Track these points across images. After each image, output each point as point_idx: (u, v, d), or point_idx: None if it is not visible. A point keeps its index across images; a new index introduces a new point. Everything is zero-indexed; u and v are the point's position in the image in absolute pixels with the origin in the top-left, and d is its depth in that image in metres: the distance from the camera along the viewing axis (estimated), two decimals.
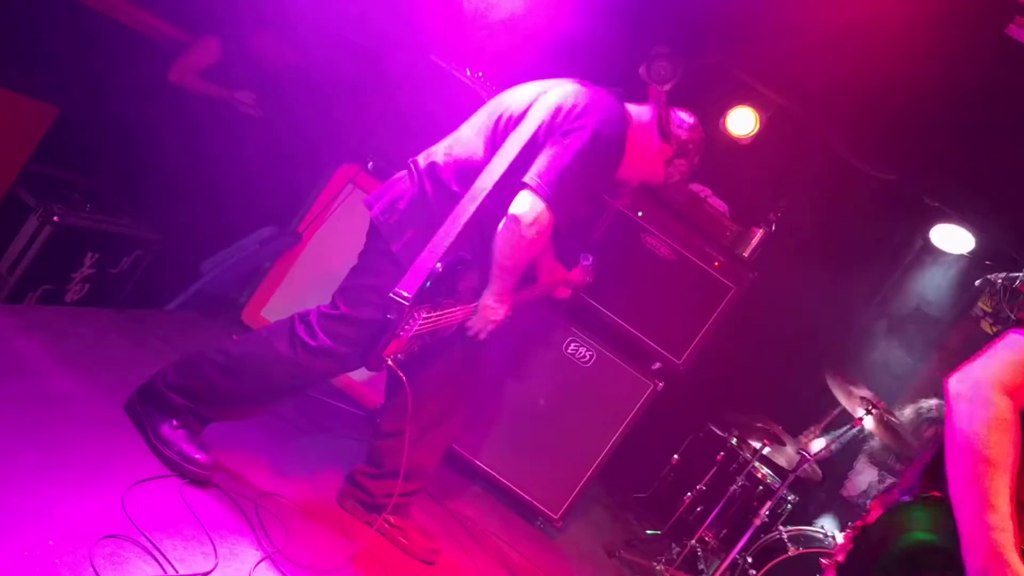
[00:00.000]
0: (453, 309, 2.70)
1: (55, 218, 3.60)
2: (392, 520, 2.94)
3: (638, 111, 2.91)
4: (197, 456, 2.52)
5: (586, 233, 3.94)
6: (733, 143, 4.65)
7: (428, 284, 2.50)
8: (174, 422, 2.57)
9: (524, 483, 3.97)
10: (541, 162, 2.61)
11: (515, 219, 2.60)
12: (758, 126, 4.72)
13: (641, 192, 3.97)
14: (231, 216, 4.10)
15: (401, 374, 2.53)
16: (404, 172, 2.83)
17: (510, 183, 2.62)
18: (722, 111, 4.75)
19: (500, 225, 2.63)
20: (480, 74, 3.81)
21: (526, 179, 2.61)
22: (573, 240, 3.49)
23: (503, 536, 3.68)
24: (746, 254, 4.10)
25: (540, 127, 2.66)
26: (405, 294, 2.44)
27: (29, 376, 2.57)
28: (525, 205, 2.59)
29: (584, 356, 3.98)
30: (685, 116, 2.97)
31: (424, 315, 2.54)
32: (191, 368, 2.63)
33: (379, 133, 3.81)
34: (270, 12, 4.25)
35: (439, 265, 2.52)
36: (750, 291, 4.01)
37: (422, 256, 2.53)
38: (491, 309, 2.77)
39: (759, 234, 4.08)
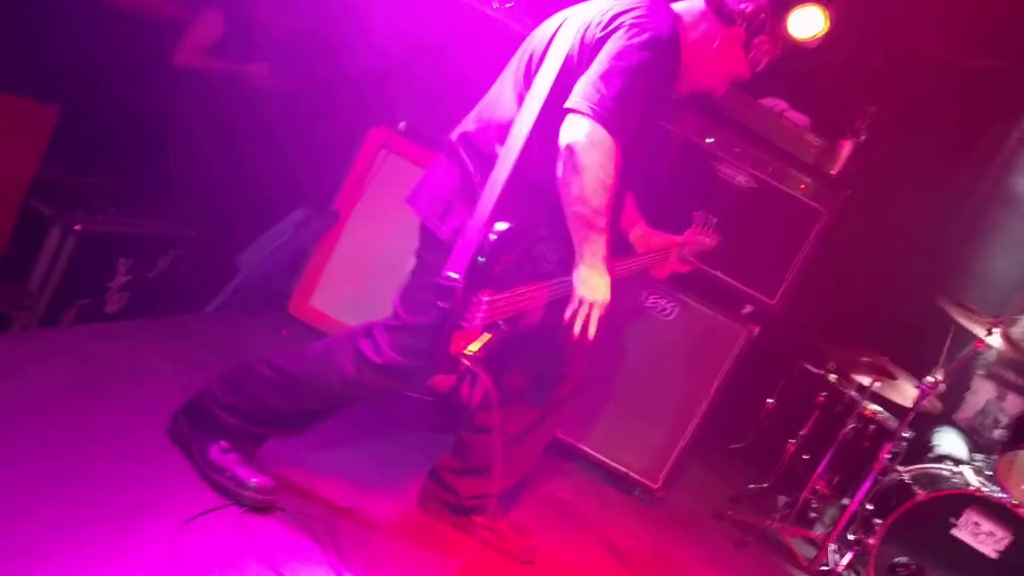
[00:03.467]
0: (528, 287, 2.29)
1: (76, 227, 3.32)
2: (481, 521, 2.62)
3: (686, 5, 2.44)
4: (254, 480, 2.24)
5: (651, 171, 3.50)
6: (801, 47, 4.14)
7: (481, 260, 2.13)
8: (224, 444, 2.30)
9: (617, 454, 3.64)
10: (582, 82, 2.19)
11: (569, 150, 2.15)
12: (827, 25, 4.19)
13: (707, 114, 3.53)
14: (263, 199, 3.81)
15: (481, 373, 2.16)
16: (441, 156, 2.45)
17: (550, 122, 2.21)
18: (782, 13, 4.23)
19: (558, 169, 2.20)
20: (509, 4, 3.39)
21: (568, 103, 2.18)
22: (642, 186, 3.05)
23: (603, 515, 3.36)
24: (835, 172, 3.63)
25: (571, 51, 2.26)
26: (453, 275, 2.08)
27: (57, 411, 2.30)
28: (574, 129, 2.15)
29: (666, 308, 3.59)
30: None
31: (488, 298, 2.17)
32: (241, 385, 2.37)
33: (406, 88, 3.44)
34: None
35: (491, 236, 2.14)
36: (843, 213, 3.56)
37: (466, 230, 2.16)
38: (585, 282, 2.27)
39: (848, 147, 3.60)
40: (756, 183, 3.54)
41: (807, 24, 4.27)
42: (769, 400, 4.98)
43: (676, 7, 2.43)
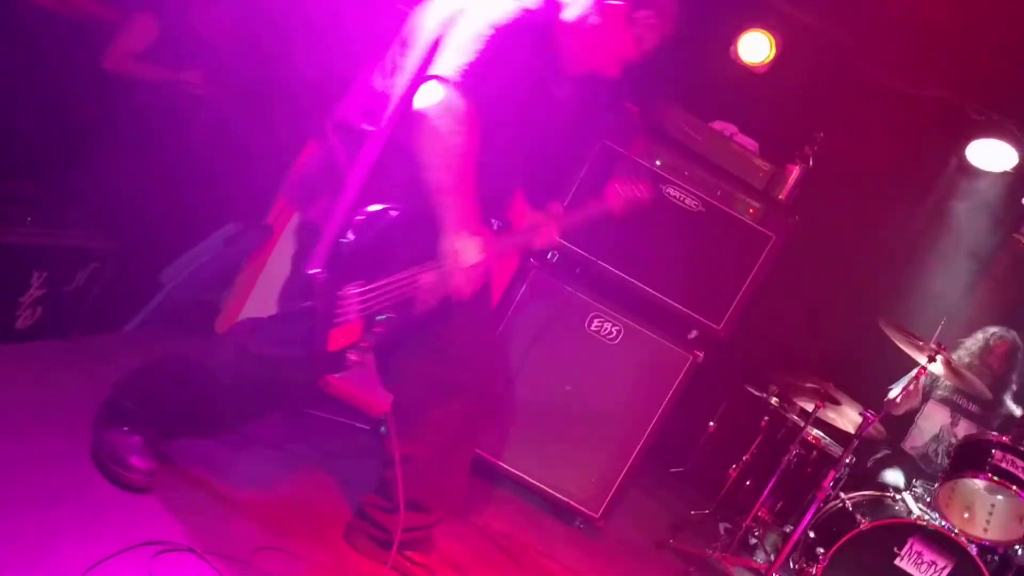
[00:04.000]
0: (407, 272, 2.20)
1: None
2: (414, 557, 2.48)
3: None
4: (133, 460, 2.18)
5: (562, 167, 3.39)
6: (750, 73, 4.13)
7: (343, 251, 2.05)
8: (124, 428, 2.25)
9: (557, 482, 3.52)
10: (443, 49, 2.15)
11: (420, 116, 2.09)
12: (774, 51, 4.19)
13: (655, 135, 3.46)
14: (193, 212, 3.61)
15: (364, 376, 2.19)
16: (313, 141, 2.44)
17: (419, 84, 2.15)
18: (731, 39, 4.22)
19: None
20: None
21: (428, 72, 2.13)
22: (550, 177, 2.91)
23: (542, 548, 3.23)
24: (783, 196, 3.60)
25: (441, 28, 2.19)
26: (315, 271, 2.02)
27: None
28: (428, 95, 2.10)
29: (610, 332, 3.50)
30: None
31: (358, 289, 2.09)
32: (147, 375, 2.37)
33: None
34: None
35: (353, 221, 2.07)
36: (791, 238, 3.52)
37: (331, 214, 2.09)
38: (453, 252, 2.17)
39: (796, 172, 3.57)
40: (704, 207, 3.48)
41: (754, 49, 4.29)
42: (711, 423, 4.94)
43: None
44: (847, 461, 3.94)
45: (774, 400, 4.45)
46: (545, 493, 3.52)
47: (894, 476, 4.30)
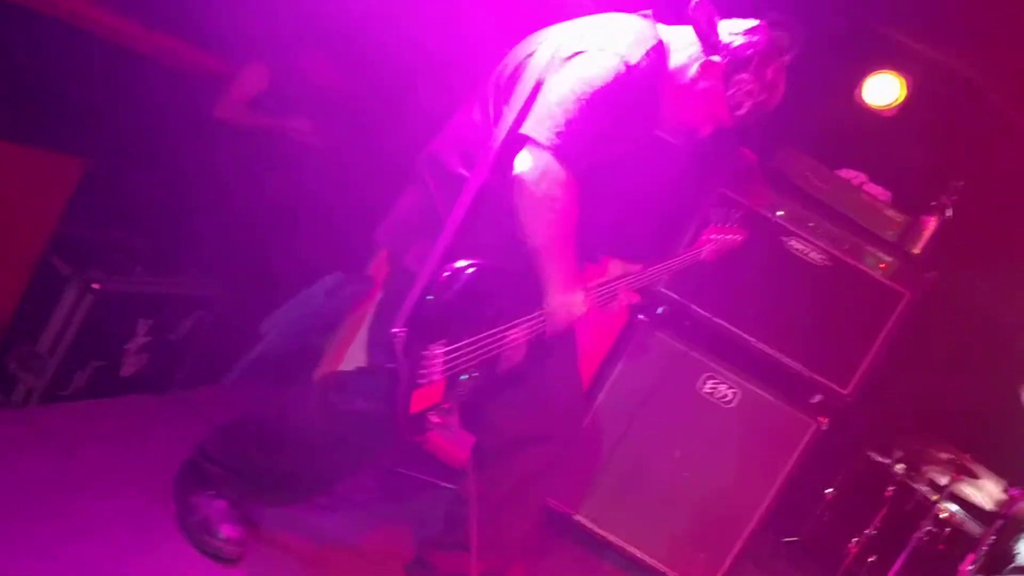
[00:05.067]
0: (495, 330, 2.09)
1: (95, 285, 3.12)
2: None
3: (675, 30, 2.23)
4: (223, 529, 2.14)
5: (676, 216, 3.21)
6: (879, 117, 3.87)
7: (428, 309, 1.96)
8: (211, 492, 2.28)
9: (664, 556, 3.29)
10: (538, 104, 2.04)
11: (519, 181, 2.01)
12: (904, 93, 3.92)
13: (777, 185, 3.25)
14: (298, 261, 3.59)
15: (455, 427, 2.07)
16: (408, 182, 2.33)
17: (517, 143, 2.05)
18: (857, 81, 3.97)
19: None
20: None
21: (522, 130, 2.03)
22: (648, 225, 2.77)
23: None
24: (918, 251, 3.31)
25: (541, 76, 2.08)
26: (398, 330, 1.92)
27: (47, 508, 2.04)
28: (525, 161, 2.01)
29: (725, 395, 3.27)
30: (741, 20, 2.23)
31: (443, 350, 1.98)
32: (230, 436, 2.34)
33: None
34: (318, 30, 3.73)
35: (443, 275, 1.98)
36: (927, 295, 3.23)
37: (423, 268, 2.01)
38: (560, 308, 2.15)
39: (932, 224, 3.29)
40: (831, 261, 3.24)
41: (883, 92, 4.02)
42: (828, 490, 4.61)
43: (665, 31, 2.21)
44: (988, 542, 3.58)
45: (899, 467, 4.13)
46: (651, 567, 3.30)
47: None
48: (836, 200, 3.31)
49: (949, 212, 3.30)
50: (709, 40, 2.17)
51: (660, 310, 3.39)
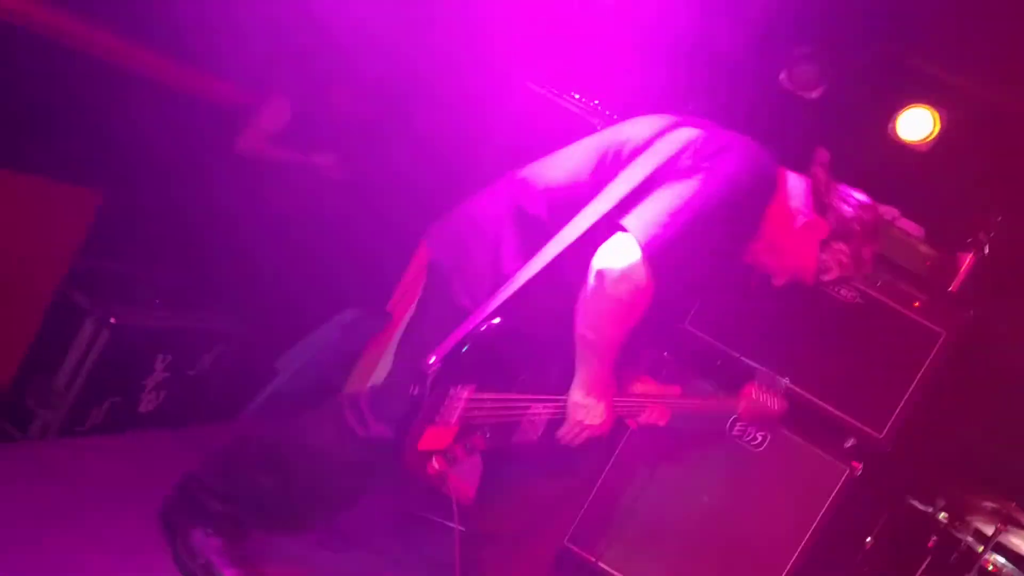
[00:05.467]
0: (522, 396, 2.04)
1: (112, 320, 3.10)
2: None
3: (792, 176, 2.20)
4: (227, 572, 2.09)
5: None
6: (912, 152, 3.77)
7: (469, 350, 1.89)
8: (209, 529, 2.20)
9: None
10: (649, 203, 1.97)
11: (600, 273, 1.93)
12: (938, 127, 3.82)
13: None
14: (318, 296, 3.55)
15: (444, 483, 1.98)
16: (483, 198, 2.23)
17: (609, 229, 1.97)
18: (890, 115, 3.88)
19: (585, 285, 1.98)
20: (596, 102, 3.13)
21: (623, 220, 1.95)
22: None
23: None
24: (953, 288, 3.19)
25: (661, 164, 2.01)
26: (431, 360, 1.86)
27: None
28: (615, 253, 1.93)
29: (755, 438, 3.15)
30: (856, 193, 2.24)
31: (468, 395, 1.92)
32: (230, 462, 2.27)
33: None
34: (341, 65, 3.74)
35: (492, 323, 1.91)
36: (964, 335, 3.10)
37: (475, 313, 1.94)
38: (580, 407, 2.09)
39: (968, 261, 3.17)
40: (863, 299, 3.14)
41: (916, 127, 3.92)
42: (867, 539, 4.42)
43: (783, 173, 2.18)
44: None
45: (943, 516, 3.94)
46: None
47: None
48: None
49: (987, 248, 3.19)
50: (822, 199, 2.16)
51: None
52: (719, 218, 1.96)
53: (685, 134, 2.06)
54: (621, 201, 1.98)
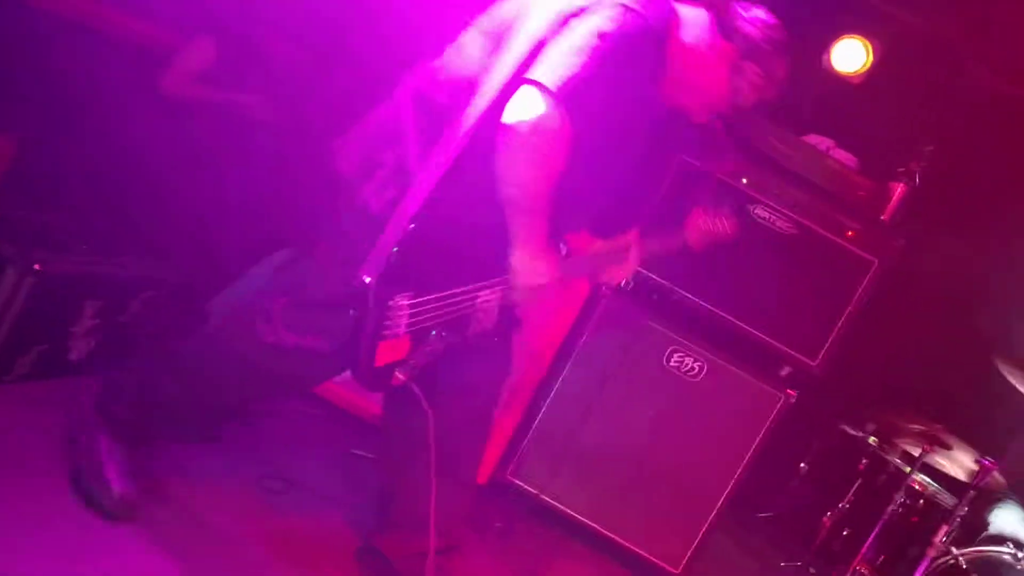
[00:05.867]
0: (461, 290, 2.02)
1: (36, 266, 2.98)
2: None
3: (690, 9, 2.17)
4: (114, 485, 2.07)
5: (644, 192, 3.13)
6: (847, 82, 3.79)
7: (399, 258, 1.86)
8: (106, 433, 2.20)
9: (634, 534, 3.23)
10: (550, 52, 1.95)
11: (508, 128, 1.90)
12: (871, 58, 3.84)
13: (742, 151, 3.17)
14: (248, 239, 3.46)
15: (417, 391, 1.95)
16: (383, 106, 2.22)
17: (516, 89, 1.95)
18: (824, 46, 3.89)
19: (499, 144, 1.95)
20: None
21: (529, 74, 1.93)
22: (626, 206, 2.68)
23: None
24: (885, 217, 3.24)
25: (552, 18, 1.99)
26: (365, 279, 1.83)
27: None
28: (523, 105, 1.90)
29: (692, 368, 3.19)
30: (757, 10, 2.22)
31: (408, 302, 1.90)
32: (138, 370, 2.30)
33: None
34: (266, 4, 3.61)
35: (416, 222, 1.88)
36: (896, 264, 3.16)
37: (394, 215, 1.91)
38: (523, 268, 2.06)
39: (900, 190, 3.22)
40: (797, 229, 3.16)
41: (849, 57, 3.94)
42: (802, 464, 4.57)
43: (680, 6, 2.15)
44: (961, 513, 3.54)
45: (872, 440, 4.08)
46: (620, 546, 3.23)
47: (1014, 525, 3.83)
48: (802, 166, 3.23)
49: (918, 178, 3.23)
50: (724, 24, 2.14)
51: (625, 283, 3.30)
52: (621, 54, 1.94)
53: None
54: (523, 61, 1.96)
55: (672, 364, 3.19)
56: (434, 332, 1.99)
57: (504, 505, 3.22)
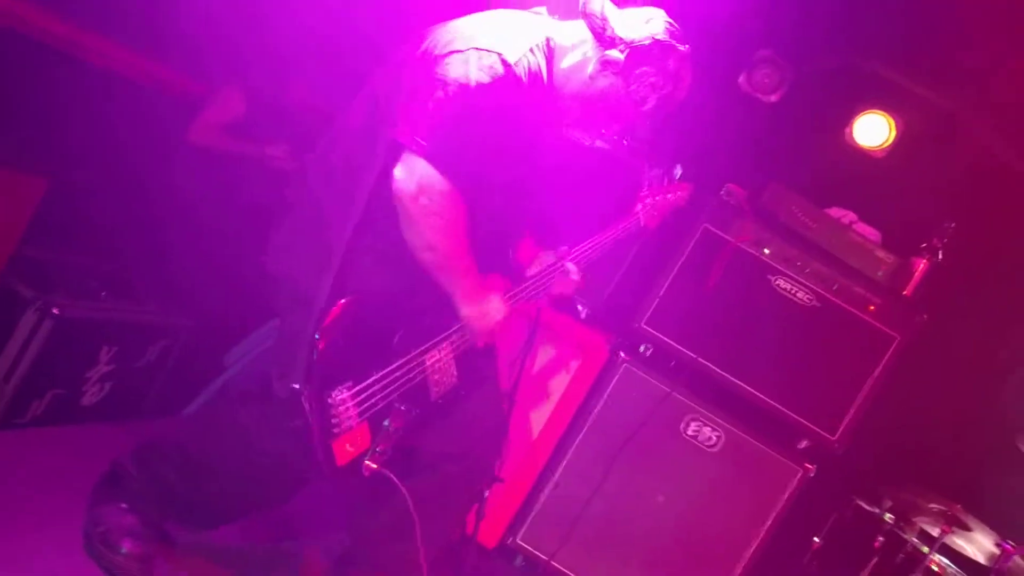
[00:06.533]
0: (402, 361, 1.97)
1: (54, 310, 2.99)
2: None
3: (567, 25, 2.12)
4: (124, 543, 2.03)
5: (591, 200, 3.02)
6: (871, 157, 3.81)
7: (325, 353, 1.79)
8: (122, 505, 2.15)
9: None
10: (411, 110, 1.91)
11: (398, 195, 1.89)
12: (894, 133, 3.86)
13: (764, 221, 3.16)
14: (269, 291, 3.46)
15: (391, 476, 1.89)
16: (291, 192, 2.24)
17: (392, 152, 1.93)
18: (848, 118, 3.91)
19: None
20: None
21: (396, 135, 1.90)
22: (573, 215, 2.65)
23: None
24: (908, 293, 3.22)
25: (417, 68, 1.98)
26: (294, 387, 1.78)
27: None
28: (400, 170, 1.88)
29: (709, 438, 3.15)
30: (633, 10, 2.12)
31: (350, 393, 1.84)
32: (155, 450, 2.25)
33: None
34: (299, 54, 3.66)
35: (331, 311, 1.83)
36: (918, 339, 3.14)
37: (311, 309, 1.88)
38: (475, 318, 2.07)
39: (923, 266, 3.20)
40: (819, 301, 3.15)
41: (872, 132, 3.96)
42: (815, 539, 4.46)
43: (556, 27, 2.10)
44: None
45: (888, 517, 3.98)
46: None
47: None
48: (825, 239, 3.23)
49: (940, 254, 3.22)
50: (604, 35, 2.05)
51: (644, 348, 3.28)
52: (487, 94, 1.90)
53: (433, 37, 2.02)
54: (394, 119, 1.93)
55: (689, 433, 3.15)
56: (394, 409, 1.93)
57: (511, 571, 3.16)
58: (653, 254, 3.21)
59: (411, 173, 1.87)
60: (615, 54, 2.04)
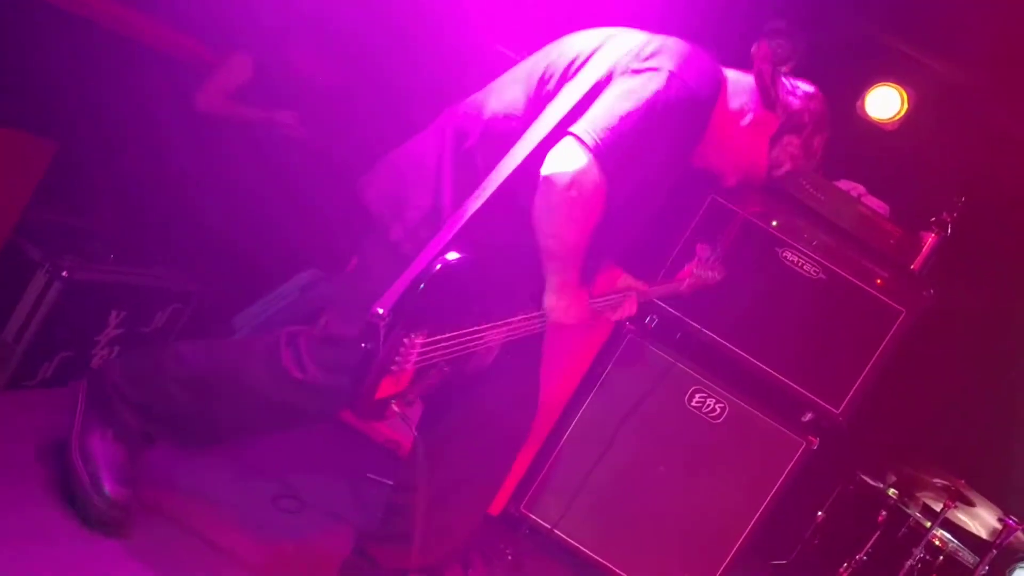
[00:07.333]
0: (472, 329, 2.03)
1: (64, 272, 3.00)
2: None
3: (737, 75, 2.19)
4: (107, 488, 2.02)
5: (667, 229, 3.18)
6: (881, 130, 3.78)
7: (417, 296, 1.85)
8: (111, 433, 2.15)
9: (646, 574, 3.16)
10: (595, 108, 1.98)
11: (548, 180, 1.93)
12: (905, 107, 3.83)
13: (772, 194, 3.15)
14: (276, 256, 3.48)
15: (408, 421, 1.96)
16: (415, 142, 2.22)
17: (558, 140, 1.97)
18: (859, 92, 3.88)
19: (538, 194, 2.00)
20: None
21: (572, 128, 1.95)
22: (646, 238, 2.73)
23: None
24: (916, 267, 3.21)
25: (604, 73, 2.00)
26: (379, 311, 1.81)
27: None
28: (564, 158, 1.93)
29: (713, 409, 3.15)
30: (801, 84, 2.25)
31: (422, 340, 1.89)
32: (147, 376, 2.23)
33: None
34: (307, 22, 3.64)
35: (438, 266, 1.88)
36: (925, 314, 3.12)
37: (421, 254, 1.91)
38: (557, 310, 2.14)
39: (931, 240, 3.18)
40: (826, 275, 3.13)
41: (884, 105, 3.93)
42: (819, 512, 4.48)
43: (728, 72, 2.17)
44: (982, 572, 3.46)
45: (892, 492, 4.00)
46: None
47: None
48: (833, 211, 3.20)
49: (949, 229, 3.20)
50: (769, 95, 2.15)
51: (649, 320, 3.28)
52: (666, 115, 1.96)
53: (624, 41, 2.06)
54: (568, 114, 1.98)
55: (694, 404, 3.16)
56: (436, 369, 2.00)
57: (515, 538, 3.19)
58: (659, 227, 3.20)
59: (572, 164, 1.92)
60: (776, 121, 2.15)
